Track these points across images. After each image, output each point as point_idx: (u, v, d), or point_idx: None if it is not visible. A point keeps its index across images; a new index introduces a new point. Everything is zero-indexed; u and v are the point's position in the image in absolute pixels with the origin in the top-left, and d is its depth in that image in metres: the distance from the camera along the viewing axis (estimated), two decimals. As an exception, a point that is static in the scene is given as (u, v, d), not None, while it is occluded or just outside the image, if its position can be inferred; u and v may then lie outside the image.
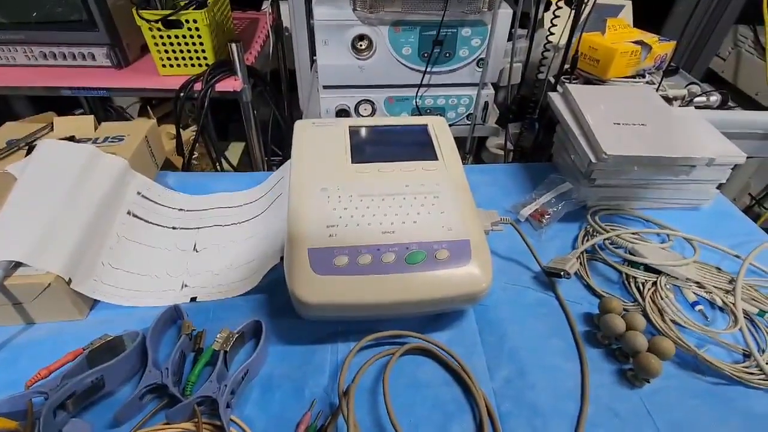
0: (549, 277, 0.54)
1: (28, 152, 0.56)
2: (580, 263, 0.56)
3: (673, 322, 0.49)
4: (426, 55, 0.89)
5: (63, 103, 1.27)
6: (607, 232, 0.58)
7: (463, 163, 0.56)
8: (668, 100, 1.02)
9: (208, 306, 0.49)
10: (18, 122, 0.68)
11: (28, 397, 0.36)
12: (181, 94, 0.93)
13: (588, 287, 0.54)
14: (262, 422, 0.40)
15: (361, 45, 0.87)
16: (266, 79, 1.08)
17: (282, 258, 0.48)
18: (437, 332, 0.48)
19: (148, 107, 1.46)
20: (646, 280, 0.53)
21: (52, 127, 0.64)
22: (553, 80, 1.04)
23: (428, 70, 0.90)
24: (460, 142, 0.67)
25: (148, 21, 0.88)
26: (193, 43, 0.92)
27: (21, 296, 0.44)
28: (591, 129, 0.62)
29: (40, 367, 0.39)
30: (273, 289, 0.51)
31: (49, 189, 0.49)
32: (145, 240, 0.54)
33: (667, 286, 0.52)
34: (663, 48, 1.07)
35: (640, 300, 0.51)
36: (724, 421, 0.41)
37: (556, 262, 0.53)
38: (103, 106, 1.43)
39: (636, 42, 1.04)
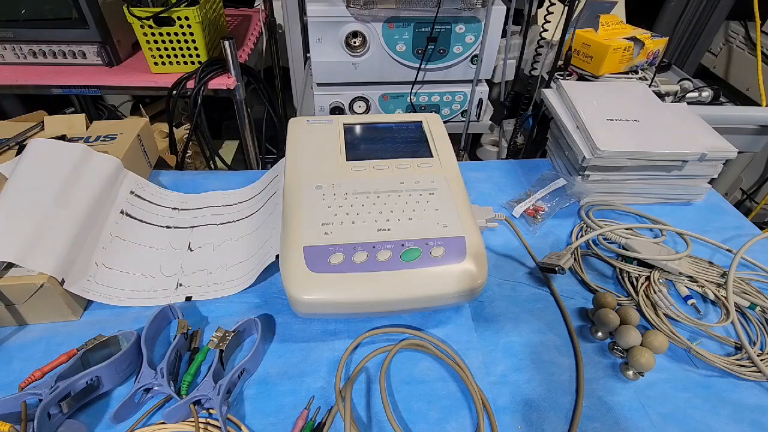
0: (544, 273, 0.54)
1: (19, 151, 0.55)
2: (575, 259, 0.56)
3: (666, 315, 0.49)
4: (420, 51, 0.88)
5: (53, 102, 1.26)
6: (601, 227, 0.58)
7: (458, 160, 0.56)
8: (661, 95, 1.03)
9: (204, 305, 0.49)
10: (8, 121, 0.67)
11: (22, 398, 0.36)
12: (174, 92, 0.92)
13: (582, 282, 0.54)
14: (259, 421, 0.40)
15: (354, 42, 0.87)
16: (260, 76, 1.07)
17: (277, 256, 0.47)
18: (433, 328, 0.48)
19: (141, 105, 1.45)
20: (639, 275, 0.53)
21: (43, 126, 0.64)
22: (546, 77, 1.04)
23: (422, 66, 0.90)
24: (454, 138, 0.68)
25: (139, 18, 0.87)
26: (186, 41, 0.91)
27: (13, 297, 0.43)
28: (585, 125, 0.63)
29: (33, 369, 0.39)
30: (268, 288, 0.51)
31: (41, 189, 0.49)
32: (139, 239, 0.54)
33: (660, 281, 0.52)
34: (655, 44, 1.08)
35: (634, 294, 0.52)
36: (716, 413, 0.42)
37: (550, 258, 0.53)
38: (95, 105, 1.41)
39: (629, 38, 1.05)
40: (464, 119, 1.01)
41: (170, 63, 0.95)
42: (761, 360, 0.45)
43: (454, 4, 0.83)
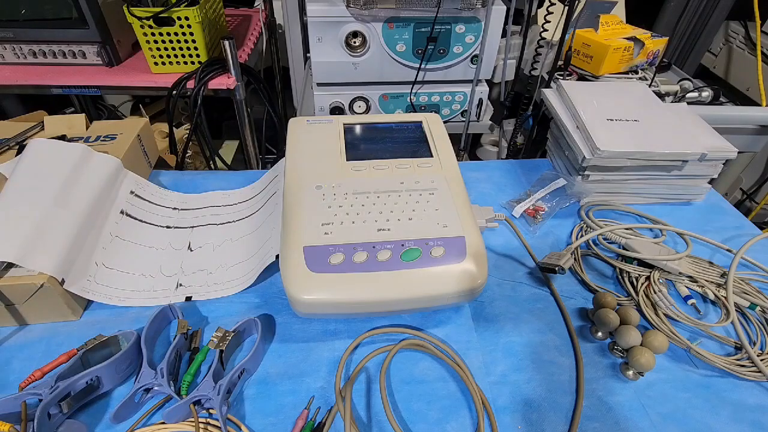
0: (544, 273, 0.54)
1: (19, 151, 0.55)
2: (575, 259, 0.56)
3: (666, 315, 0.49)
4: (420, 51, 0.88)
5: (53, 102, 1.26)
6: (601, 227, 0.58)
7: (458, 160, 0.56)
8: (661, 95, 1.03)
9: (204, 305, 0.49)
10: (8, 121, 0.67)
11: (22, 398, 0.36)
12: (174, 92, 0.92)
13: (582, 282, 0.54)
14: (260, 421, 0.40)
15: (354, 42, 0.87)
16: (260, 76, 1.07)
17: (277, 256, 0.47)
18: (433, 328, 0.48)
19: (141, 105, 1.45)
20: (639, 275, 0.53)
21: (43, 126, 0.64)
22: (546, 77, 1.04)
23: (422, 66, 0.90)
24: (454, 138, 0.68)
25: (139, 18, 0.87)
26: (186, 41, 0.91)
27: (13, 297, 0.43)
28: (585, 125, 0.63)
29: (33, 369, 0.39)
30: (268, 288, 0.51)
31: (41, 189, 0.49)
32: (139, 239, 0.54)
33: (660, 281, 0.52)
34: (655, 44, 1.08)
35: (634, 294, 0.52)
36: (716, 413, 0.42)
37: (550, 258, 0.53)
38: (95, 105, 1.41)
39: (629, 38, 1.05)
40: (464, 119, 1.01)
41: (170, 63, 0.95)
42: (761, 360, 0.45)
43: (454, 4, 0.83)
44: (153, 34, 0.90)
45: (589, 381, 0.44)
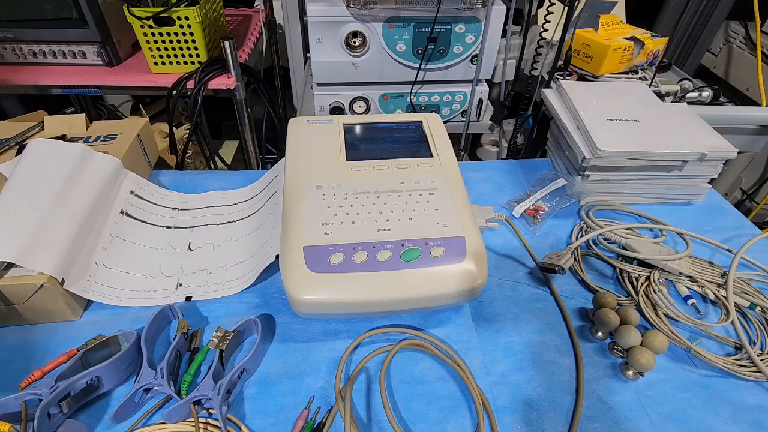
0: (544, 273, 0.54)
1: (19, 151, 0.55)
2: (575, 259, 0.56)
3: (666, 315, 0.49)
4: (420, 51, 0.88)
5: (53, 102, 1.26)
6: (601, 227, 0.58)
7: (458, 160, 0.56)
8: (661, 95, 1.03)
9: (204, 305, 0.49)
10: (8, 121, 0.67)
11: (22, 398, 0.36)
12: (174, 92, 0.92)
13: (582, 282, 0.54)
14: (260, 421, 0.40)
15: (354, 42, 0.87)
16: (260, 76, 1.07)
17: (277, 256, 0.47)
18: (433, 328, 0.48)
19: (141, 105, 1.45)
20: (639, 275, 0.53)
21: (43, 126, 0.64)
22: (546, 77, 1.04)
23: (422, 66, 0.90)
24: (454, 138, 0.68)
25: (139, 18, 0.87)
26: (186, 41, 0.92)
27: (13, 297, 0.43)
28: (585, 125, 0.63)
29: (33, 369, 0.39)
30: (268, 288, 0.51)
31: (41, 188, 0.49)
32: (139, 239, 0.54)
33: (660, 281, 0.52)
34: (655, 44, 1.08)
35: (634, 294, 0.52)
36: (716, 413, 0.42)
37: (550, 258, 0.53)
38: (95, 105, 1.41)
39: (629, 38, 1.05)
40: (464, 119, 1.01)
41: (170, 63, 0.95)
42: (761, 360, 0.45)
43: (454, 4, 0.83)
44: (153, 34, 0.90)
45: (589, 381, 0.44)
